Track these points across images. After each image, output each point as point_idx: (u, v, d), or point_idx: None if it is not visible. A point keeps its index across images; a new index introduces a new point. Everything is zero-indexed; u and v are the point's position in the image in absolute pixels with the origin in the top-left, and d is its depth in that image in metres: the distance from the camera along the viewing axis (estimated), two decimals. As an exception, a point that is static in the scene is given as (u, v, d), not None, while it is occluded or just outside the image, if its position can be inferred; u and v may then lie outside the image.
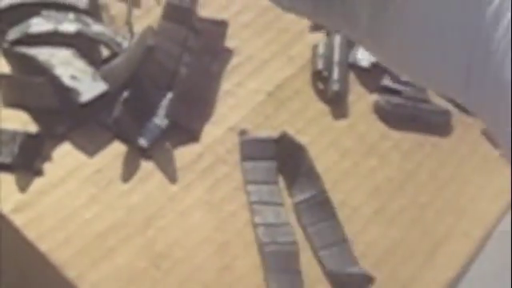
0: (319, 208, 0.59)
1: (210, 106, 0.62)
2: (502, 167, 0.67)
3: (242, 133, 0.62)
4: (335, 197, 0.61)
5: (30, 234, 0.52)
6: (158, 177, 0.58)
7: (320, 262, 0.57)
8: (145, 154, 0.58)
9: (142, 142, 0.58)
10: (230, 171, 0.60)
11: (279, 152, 0.61)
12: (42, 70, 0.57)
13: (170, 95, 0.60)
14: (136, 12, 0.66)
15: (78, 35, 0.59)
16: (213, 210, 0.58)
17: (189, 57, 0.63)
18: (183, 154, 0.60)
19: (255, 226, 0.58)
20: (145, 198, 0.57)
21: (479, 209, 0.64)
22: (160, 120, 0.59)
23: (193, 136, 0.60)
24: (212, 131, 0.62)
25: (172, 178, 0.58)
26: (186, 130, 0.60)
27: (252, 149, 0.61)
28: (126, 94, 0.58)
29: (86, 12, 0.61)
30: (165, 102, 0.60)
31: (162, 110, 0.59)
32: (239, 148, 0.61)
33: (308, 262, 0.57)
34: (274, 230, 0.57)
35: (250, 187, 0.59)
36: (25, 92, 0.56)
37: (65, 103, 0.56)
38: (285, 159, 0.61)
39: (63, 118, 0.57)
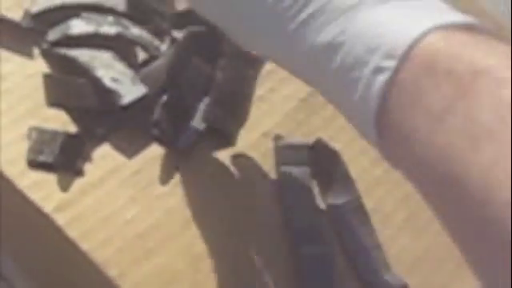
0: (353, 213, 0.60)
1: (245, 111, 0.62)
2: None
3: (277, 138, 0.62)
4: (367, 204, 0.62)
5: (72, 232, 0.53)
6: (195, 180, 0.58)
7: (354, 268, 0.58)
8: (182, 156, 0.59)
9: (180, 144, 0.58)
10: (264, 176, 0.61)
11: (313, 158, 0.62)
12: (83, 72, 0.58)
13: (206, 99, 0.60)
14: (170, 17, 0.67)
15: (118, 37, 0.60)
16: (247, 214, 0.58)
17: (224, 62, 0.63)
18: (219, 158, 0.60)
19: (290, 230, 0.58)
20: (182, 201, 0.57)
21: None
22: (197, 124, 0.59)
23: (229, 140, 0.61)
24: (246, 136, 0.62)
25: (208, 181, 0.58)
26: (222, 134, 0.61)
27: (286, 154, 0.62)
28: (165, 97, 0.58)
29: (125, 15, 0.62)
30: (202, 106, 0.60)
31: (199, 114, 0.60)
32: (274, 153, 0.62)
33: (342, 268, 0.58)
34: (309, 235, 0.58)
35: (285, 193, 0.60)
36: (67, 92, 0.57)
37: (105, 105, 0.57)
38: (319, 165, 0.62)
39: (103, 120, 0.57)
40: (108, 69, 0.57)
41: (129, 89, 0.57)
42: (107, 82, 0.57)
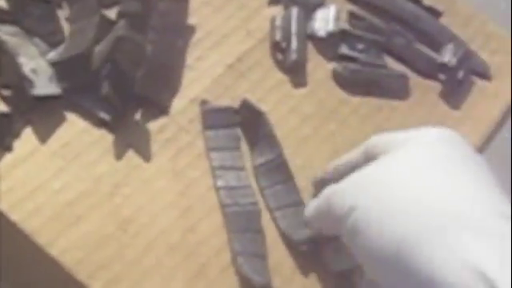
0: (277, 171, 0.62)
1: (176, 80, 0.65)
2: (458, 127, 0.69)
3: (203, 103, 0.65)
4: (295, 161, 0.64)
5: (2, 205, 0.55)
6: (123, 148, 0.61)
7: (275, 223, 0.61)
8: (110, 126, 0.61)
9: (107, 115, 0.61)
10: (192, 140, 0.63)
11: (240, 119, 0.64)
12: (8, 55, 0.60)
13: (139, 71, 0.62)
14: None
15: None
16: (176, 176, 0.61)
17: (154, 35, 0.66)
18: (148, 126, 0.62)
19: (218, 189, 0.61)
20: (111, 168, 0.59)
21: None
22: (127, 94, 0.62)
23: (162, 109, 0.63)
24: (174, 103, 0.65)
25: (137, 148, 0.61)
26: (155, 103, 0.63)
27: (213, 118, 0.64)
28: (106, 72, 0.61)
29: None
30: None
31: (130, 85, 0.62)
32: (201, 118, 0.64)
33: (268, 223, 0.60)
34: (236, 193, 0.60)
35: (213, 154, 0.62)
36: None
37: (22, 90, 0.59)
38: (246, 126, 0.64)
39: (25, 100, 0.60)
40: (31, 60, 0.60)
41: (44, 83, 0.59)
42: (26, 69, 0.59)
